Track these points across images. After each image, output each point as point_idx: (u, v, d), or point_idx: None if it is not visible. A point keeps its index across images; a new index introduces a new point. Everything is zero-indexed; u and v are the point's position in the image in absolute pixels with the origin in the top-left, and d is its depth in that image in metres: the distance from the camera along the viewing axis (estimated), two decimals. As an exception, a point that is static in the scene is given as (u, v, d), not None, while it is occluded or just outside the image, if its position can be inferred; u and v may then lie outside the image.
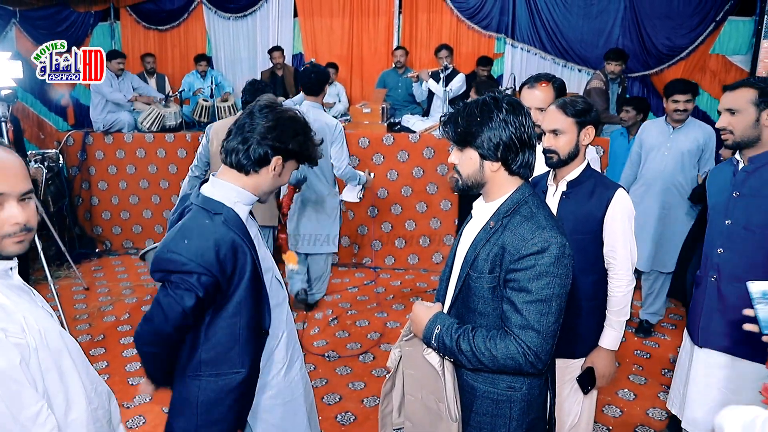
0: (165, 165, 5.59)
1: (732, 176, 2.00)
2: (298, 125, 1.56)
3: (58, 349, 1.22)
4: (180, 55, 7.57)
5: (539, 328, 1.33)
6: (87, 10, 7.46)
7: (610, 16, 6.41)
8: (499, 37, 6.74)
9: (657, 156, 3.51)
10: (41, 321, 1.20)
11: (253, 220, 1.65)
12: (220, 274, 1.44)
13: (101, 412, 1.32)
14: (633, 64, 6.28)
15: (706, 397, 2.03)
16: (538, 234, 1.36)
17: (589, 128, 1.98)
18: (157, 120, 5.60)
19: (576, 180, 2.00)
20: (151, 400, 3.13)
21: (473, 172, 1.46)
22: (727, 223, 1.97)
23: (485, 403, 1.46)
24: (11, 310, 1.14)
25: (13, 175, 1.13)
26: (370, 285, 4.78)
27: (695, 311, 2.09)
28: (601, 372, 2.03)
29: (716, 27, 6.15)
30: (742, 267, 1.92)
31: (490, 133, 1.40)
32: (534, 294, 1.34)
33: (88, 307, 4.40)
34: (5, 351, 1.09)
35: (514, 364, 1.35)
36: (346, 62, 7.04)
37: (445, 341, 1.42)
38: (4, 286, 1.18)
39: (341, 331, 3.98)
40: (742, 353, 1.93)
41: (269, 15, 7.19)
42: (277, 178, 1.57)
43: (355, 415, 3.02)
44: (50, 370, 1.18)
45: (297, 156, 1.58)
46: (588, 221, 1.97)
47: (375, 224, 5.11)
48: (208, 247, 1.42)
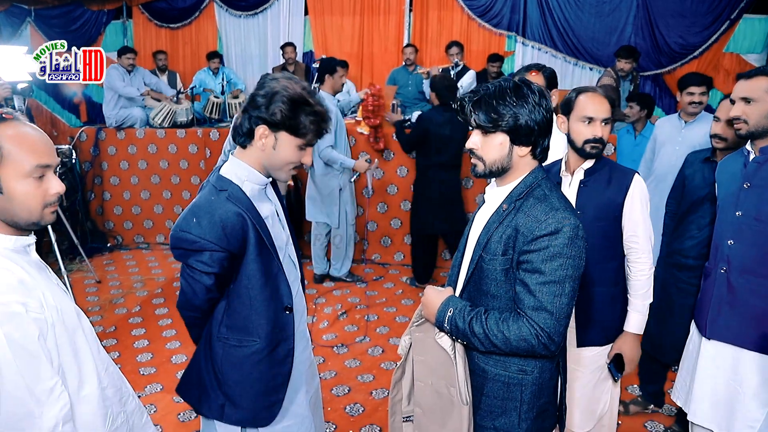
0: (176, 160, 5.63)
1: (743, 167, 1.96)
2: (286, 94, 1.45)
3: (74, 327, 1.25)
4: (191, 53, 7.63)
5: (552, 310, 1.32)
6: (100, 8, 7.55)
7: (622, 14, 6.37)
8: (510, 35, 6.74)
9: (668, 150, 3.48)
10: (58, 298, 1.23)
11: (269, 200, 1.64)
12: (230, 247, 1.47)
13: (111, 391, 1.34)
14: (645, 63, 6.24)
15: (713, 389, 2.00)
16: (551, 215, 1.35)
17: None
18: (168, 116, 5.64)
19: (592, 168, 2.02)
20: (162, 389, 3.15)
21: (500, 157, 1.42)
22: (738, 214, 1.93)
23: (496, 386, 1.46)
24: (31, 286, 1.16)
25: (51, 148, 1.22)
26: (379, 280, 4.79)
27: (703, 302, 2.06)
28: (629, 357, 2.06)
29: (731, 25, 6.10)
30: (753, 259, 1.89)
31: (527, 118, 1.37)
32: (547, 275, 1.33)
33: (99, 300, 4.44)
34: (24, 325, 1.12)
35: (527, 346, 1.35)
36: (357, 60, 7.06)
37: (458, 324, 1.41)
38: (25, 262, 1.21)
39: (350, 324, 3.98)
40: (751, 345, 1.91)
41: (280, 13, 7.24)
42: (273, 152, 1.51)
43: (364, 406, 3.02)
44: (65, 346, 1.21)
45: (284, 127, 1.48)
46: (609, 208, 1.98)
47: (384, 220, 5.11)
48: (215, 222, 1.45)
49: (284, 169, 1.56)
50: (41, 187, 1.19)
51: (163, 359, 3.51)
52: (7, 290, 1.12)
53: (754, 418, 1.89)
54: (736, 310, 1.93)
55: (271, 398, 1.64)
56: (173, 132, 5.59)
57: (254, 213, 1.51)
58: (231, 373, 1.59)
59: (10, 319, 1.10)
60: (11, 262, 1.17)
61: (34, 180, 1.17)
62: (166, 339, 3.77)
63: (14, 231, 1.20)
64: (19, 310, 1.11)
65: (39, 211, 1.20)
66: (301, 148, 1.53)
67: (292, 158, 1.53)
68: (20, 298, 1.13)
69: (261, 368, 1.60)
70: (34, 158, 1.17)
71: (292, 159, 1.53)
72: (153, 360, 3.51)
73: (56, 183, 1.22)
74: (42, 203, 1.20)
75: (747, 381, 1.92)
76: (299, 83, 1.50)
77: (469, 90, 1.46)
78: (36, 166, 1.17)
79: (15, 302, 1.11)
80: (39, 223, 1.21)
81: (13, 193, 1.16)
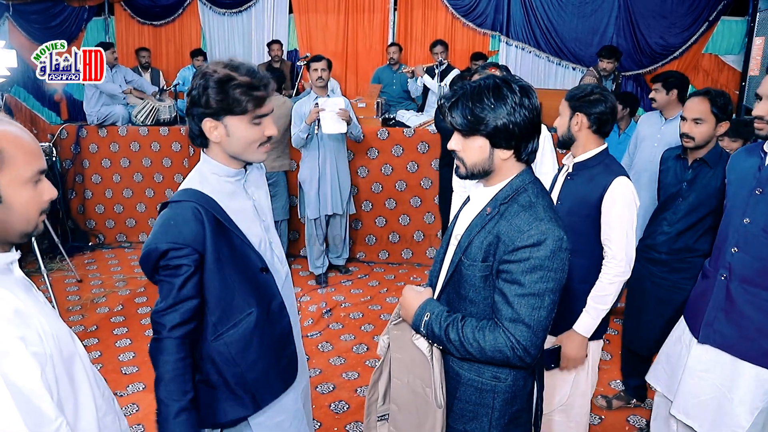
0: (159, 159, 5.57)
1: (756, 170, 1.83)
2: (212, 80, 1.41)
3: (70, 354, 1.14)
4: (174, 50, 7.56)
5: (530, 323, 1.29)
6: (81, 4, 7.44)
7: (604, 15, 6.45)
8: (494, 35, 6.77)
9: (647, 146, 3.52)
10: (53, 323, 1.11)
11: (245, 194, 1.61)
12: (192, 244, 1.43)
13: (109, 418, 1.25)
14: (627, 63, 6.33)
15: (699, 390, 1.99)
16: (535, 226, 1.30)
17: (578, 115, 2.03)
18: (151, 113, 5.58)
19: (583, 163, 2.03)
20: (144, 389, 3.12)
21: (481, 160, 1.37)
22: (746, 221, 1.82)
23: (469, 390, 1.43)
24: (27, 315, 1.03)
25: (41, 153, 1.11)
26: (364, 279, 4.79)
27: (697, 304, 2.01)
28: (567, 354, 2.02)
29: (709, 27, 6.21)
30: (756, 270, 1.81)
31: (505, 120, 1.30)
32: (527, 287, 1.29)
33: (81, 299, 4.38)
34: (25, 364, 0.98)
35: (501, 357, 1.32)
36: (341, 58, 7.06)
37: (434, 329, 1.39)
38: (12, 283, 1.08)
39: (335, 323, 3.98)
40: (744, 356, 1.87)
41: (264, 11, 7.20)
42: (230, 138, 1.47)
43: (349, 404, 3.02)
44: (62, 376, 1.10)
45: (223, 111, 1.43)
46: (583, 205, 2.00)
47: (369, 218, 5.12)
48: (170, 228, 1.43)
49: (250, 150, 1.51)
50: (37, 193, 1.08)
51: (146, 358, 3.42)
52: (2, 323, 0.98)
53: (740, 425, 1.87)
54: (731, 319, 1.88)
55: (285, 352, 1.63)
56: (156, 130, 5.53)
57: (211, 203, 1.48)
58: (243, 358, 1.54)
59: (8, 359, 0.96)
60: (2, 288, 1.03)
61: (32, 186, 1.07)
62: (148, 338, 3.72)
63: None
64: (18, 347, 0.98)
65: (35, 219, 1.09)
66: (254, 123, 1.47)
67: (251, 136, 1.48)
68: (18, 332, 0.99)
69: (265, 333, 1.56)
70: (36, 163, 1.06)
71: (251, 137, 1.48)
72: (135, 359, 3.47)
73: (49, 188, 1.11)
74: (38, 210, 1.09)
75: (736, 388, 1.89)
76: (221, 63, 1.45)
77: (451, 86, 1.43)
78: (37, 171, 1.07)
79: (13, 337, 0.98)
80: (32, 234, 1.10)
81: (13, 201, 1.04)
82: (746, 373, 1.86)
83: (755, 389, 1.86)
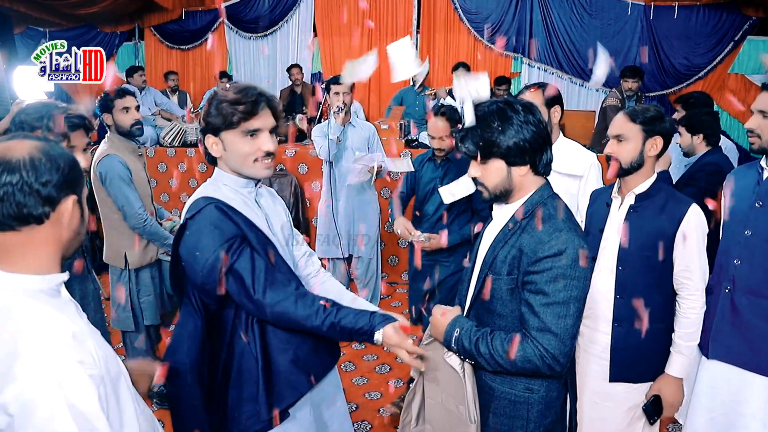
0: (186, 179, 5.68)
1: (755, 184, 1.86)
2: (210, 100, 1.57)
3: (117, 374, 1.14)
4: (201, 74, 7.76)
5: (557, 331, 1.32)
6: (113, 30, 7.71)
7: (627, 36, 6.46)
8: (516, 57, 6.81)
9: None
10: (101, 344, 1.10)
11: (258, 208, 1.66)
12: (237, 234, 1.52)
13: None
14: (651, 84, 6.30)
15: (711, 407, 1.95)
16: (555, 236, 1.34)
17: (656, 138, 1.86)
18: (179, 135, 5.71)
19: (645, 193, 1.89)
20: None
21: (501, 181, 1.43)
22: (747, 233, 1.84)
23: (503, 404, 1.45)
24: (81, 338, 1.03)
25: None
26: (386, 299, 4.78)
27: (705, 321, 1.95)
28: (669, 401, 1.91)
29: (735, 46, 6.16)
30: (760, 280, 1.82)
31: (515, 139, 1.37)
32: (551, 296, 1.32)
33: (107, 317, 4.44)
34: (86, 389, 0.98)
35: (531, 367, 1.34)
36: (365, 81, 7.15)
37: (464, 344, 1.42)
38: (65, 306, 1.08)
39: (358, 343, 3.96)
40: (753, 368, 1.84)
41: (289, 35, 7.37)
42: (228, 153, 1.56)
43: (371, 423, 3.00)
44: (111, 396, 1.09)
45: (218, 126, 1.54)
46: (659, 238, 1.84)
47: (392, 239, 5.13)
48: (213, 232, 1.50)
49: (247, 164, 1.56)
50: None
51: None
52: (63, 347, 0.98)
53: None
54: (738, 331, 1.86)
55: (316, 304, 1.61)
56: (183, 151, 5.65)
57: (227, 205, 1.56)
58: (294, 335, 1.59)
59: (70, 384, 0.96)
60: (55, 311, 1.03)
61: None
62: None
63: (48, 266, 1.07)
64: (78, 371, 0.97)
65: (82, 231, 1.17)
66: (249, 135, 1.53)
67: (246, 149, 1.54)
68: (77, 356, 0.98)
69: (299, 302, 1.53)
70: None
71: (247, 150, 1.54)
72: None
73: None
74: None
75: (748, 402, 1.86)
76: (226, 86, 1.59)
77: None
78: None
79: (73, 362, 0.97)
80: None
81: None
82: (756, 386, 1.85)
83: (766, 402, 1.83)
